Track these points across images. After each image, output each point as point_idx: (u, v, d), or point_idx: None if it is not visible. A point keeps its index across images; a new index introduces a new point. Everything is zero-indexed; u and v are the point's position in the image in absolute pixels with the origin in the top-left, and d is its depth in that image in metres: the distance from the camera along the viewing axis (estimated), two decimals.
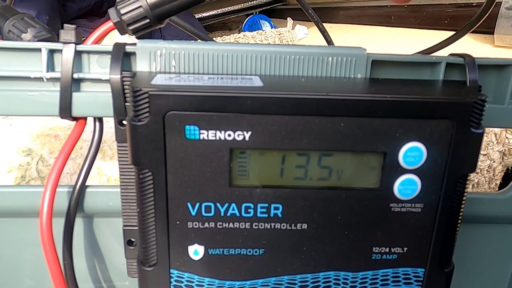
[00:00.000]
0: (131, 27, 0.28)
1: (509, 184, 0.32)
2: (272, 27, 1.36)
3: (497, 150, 0.42)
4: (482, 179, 0.42)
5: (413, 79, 0.27)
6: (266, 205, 0.24)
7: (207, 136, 0.23)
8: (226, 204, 0.24)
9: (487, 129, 0.41)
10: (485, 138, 0.40)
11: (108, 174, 0.38)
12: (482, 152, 0.42)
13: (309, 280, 0.26)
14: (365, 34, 1.10)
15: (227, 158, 0.23)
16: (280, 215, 0.24)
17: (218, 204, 0.24)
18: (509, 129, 0.41)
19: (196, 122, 0.22)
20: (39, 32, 0.32)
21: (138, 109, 0.22)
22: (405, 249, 0.26)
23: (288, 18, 1.09)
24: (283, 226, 0.25)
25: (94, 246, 0.33)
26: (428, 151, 0.24)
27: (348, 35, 1.12)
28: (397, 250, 0.26)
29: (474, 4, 0.85)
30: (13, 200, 0.30)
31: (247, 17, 1.54)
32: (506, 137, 0.42)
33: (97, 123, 0.28)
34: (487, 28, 0.73)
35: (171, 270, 0.25)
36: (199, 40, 0.53)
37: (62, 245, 0.28)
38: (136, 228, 0.25)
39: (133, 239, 0.29)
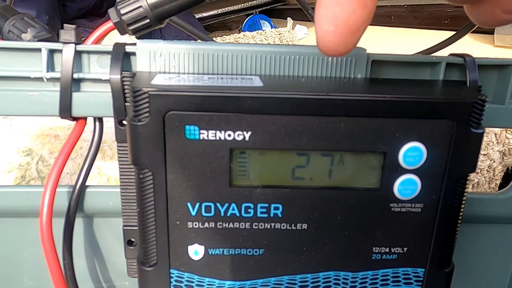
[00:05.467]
0: (131, 27, 0.28)
1: (509, 184, 0.32)
2: (272, 27, 1.36)
3: (497, 150, 0.42)
4: (482, 179, 0.42)
5: (413, 79, 0.27)
6: (266, 205, 0.24)
7: (207, 136, 0.23)
8: (226, 204, 0.24)
9: (487, 129, 0.41)
10: (485, 138, 0.40)
11: (108, 174, 0.38)
12: (482, 152, 0.42)
13: (309, 280, 0.26)
14: (365, 34, 1.10)
15: (227, 158, 0.23)
16: (280, 215, 0.24)
17: (218, 204, 0.24)
18: (509, 129, 0.41)
19: (196, 122, 0.22)
20: (39, 32, 0.32)
21: (138, 109, 0.22)
22: (405, 249, 0.26)
23: (288, 18, 1.09)
24: (283, 226, 0.25)
25: (94, 246, 0.33)
26: (428, 151, 0.24)
27: None
28: (397, 250, 0.26)
29: None
30: (13, 200, 0.30)
31: (247, 17, 1.55)
32: (506, 137, 0.42)
33: (97, 123, 0.28)
34: (487, 28, 0.73)
35: (171, 270, 0.25)
36: (199, 40, 0.53)
37: (62, 245, 0.28)
38: (136, 228, 0.25)
39: (133, 239, 0.29)
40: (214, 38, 0.96)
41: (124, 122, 0.26)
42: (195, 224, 0.24)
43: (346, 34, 0.15)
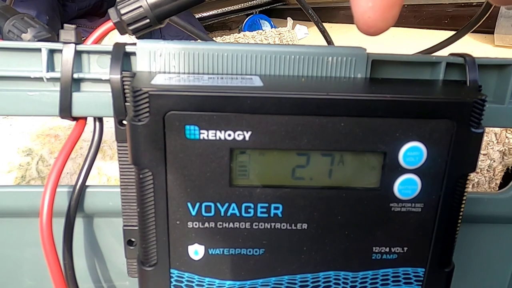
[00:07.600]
0: (131, 27, 0.28)
1: (509, 184, 0.32)
2: (272, 27, 1.36)
3: (497, 150, 0.42)
4: (482, 179, 0.42)
5: (413, 79, 0.27)
6: (266, 205, 0.24)
7: (207, 136, 0.23)
8: (226, 204, 0.24)
9: (487, 129, 0.41)
10: (485, 138, 0.40)
11: (108, 174, 0.38)
12: (482, 152, 0.42)
13: (309, 280, 0.26)
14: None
15: (227, 158, 0.23)
16: (280, 215, 0.24)
17: (218, 204, 0.24)
18: (509, 129, 0.41)
19: (196, 122, 0.22)
20: (39, 32, 0.32)
21: (138, 109, 0.22)
22: (405, 249, 0.26)
23: (288, 18, 1.09)
24: (283, 226, 0.25)
25: (94, 246, 0.33)
26: (428, 151, 0.24)
27: (348, 35, 1.12)
28: (397, 250, 0.26)
29: (474, 4, 0.85)
30: (13, 200, 0.30)
31: (247, 17, 1.54)
32: (506, 137, 0.42)
33: (97, 123, 0.28)
34: (487, 28, 0.73)
35: (171, 270, 0.25)
36: (199, 40, 0.53)
37: (62, 245, 0.28)
38: (136, 228, 0.25)
39: (133, 239, 0.29)
40: (214, 38, 0.96)
41: (124, 122, 0.26)
42: (195, 224, 0.24)
43: (385, 8, 0.15)
